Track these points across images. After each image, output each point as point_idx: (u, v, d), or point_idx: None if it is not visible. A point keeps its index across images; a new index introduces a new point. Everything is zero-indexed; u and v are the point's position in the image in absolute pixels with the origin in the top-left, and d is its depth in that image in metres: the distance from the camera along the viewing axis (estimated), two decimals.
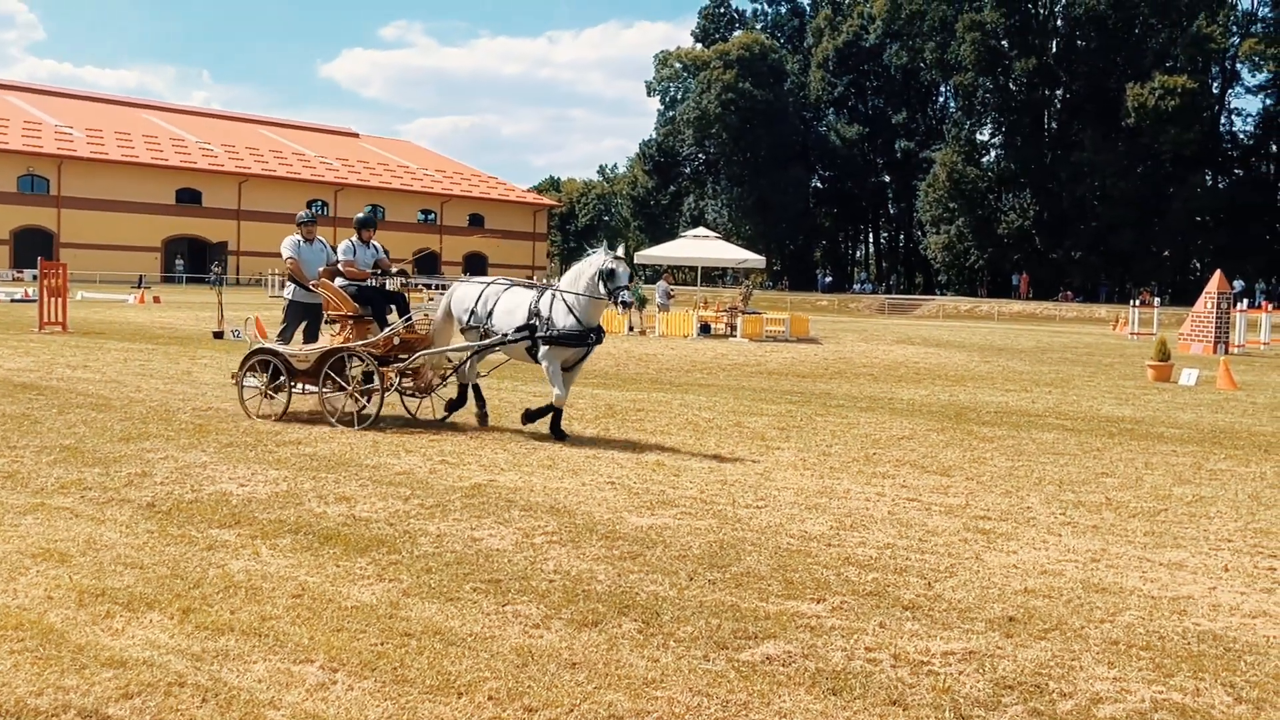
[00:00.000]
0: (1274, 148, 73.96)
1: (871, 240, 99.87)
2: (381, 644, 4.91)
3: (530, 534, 6.94)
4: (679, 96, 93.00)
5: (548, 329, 10.87)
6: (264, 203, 79.65)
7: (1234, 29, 70.51)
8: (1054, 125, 76.68)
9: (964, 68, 72.68)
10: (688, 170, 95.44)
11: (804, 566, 6.37)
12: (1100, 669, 4.86)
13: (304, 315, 12.53)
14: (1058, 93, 76.14)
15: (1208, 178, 72.87)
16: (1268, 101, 73.03)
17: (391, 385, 11.53)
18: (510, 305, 11.33)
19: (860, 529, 7.42)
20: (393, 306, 11.92)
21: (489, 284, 11.76)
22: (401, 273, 12.76)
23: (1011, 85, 74.83)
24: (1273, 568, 6.74)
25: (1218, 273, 31.59)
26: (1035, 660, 4.94)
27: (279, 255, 13.07)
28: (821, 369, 21.48)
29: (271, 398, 11.70)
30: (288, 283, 12.83)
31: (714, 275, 71.50)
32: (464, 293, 11.85)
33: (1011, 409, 15.18)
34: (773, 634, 5.17)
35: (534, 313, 11.04)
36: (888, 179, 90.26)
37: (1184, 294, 63.47)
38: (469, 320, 11.57)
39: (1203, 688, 4.68)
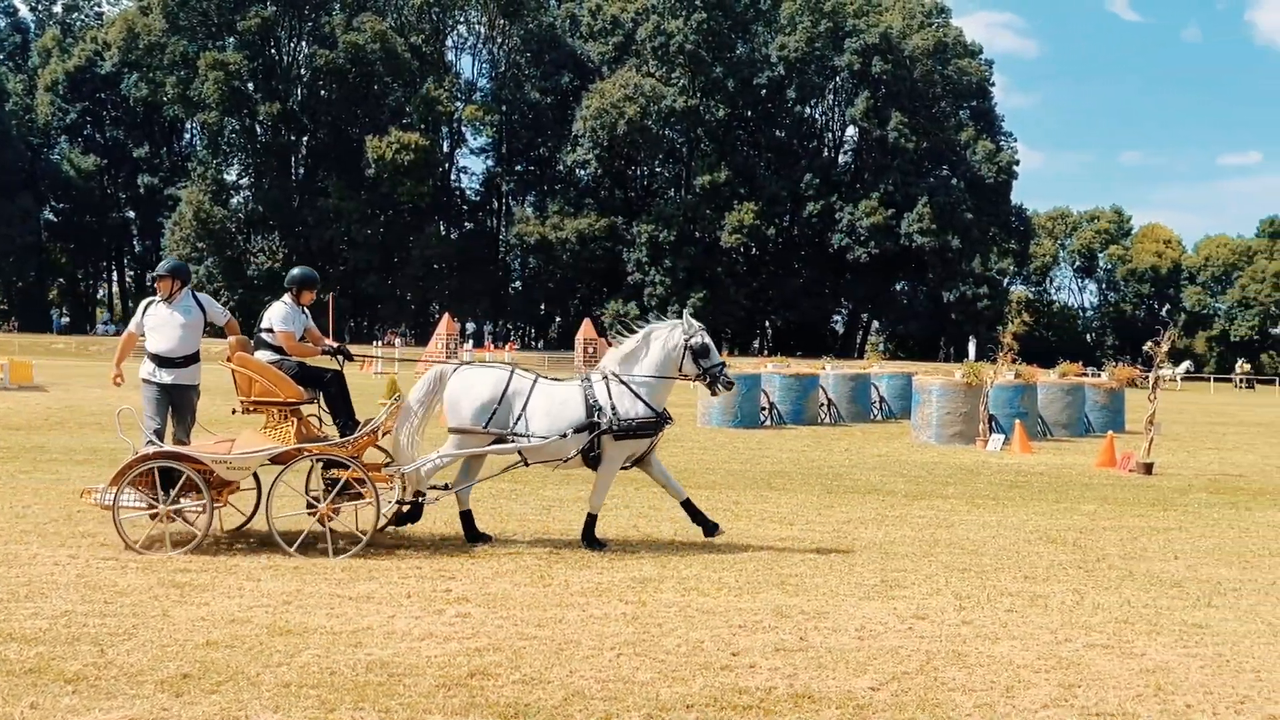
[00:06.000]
0: (495, 204, 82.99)
1: (116, 279, 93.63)
2: None
3: None
4: None
5: (613, 422, 8.76)
6: None
7: (458, 95, 77.93)
8: (301, 171, 78.36)
9: (209, 106, 71.38)
10: None
11: None
12: (267, 714, 4.89)
13: (168, 401, 9.14)
14: (304, 139, 78.00)
15: (441, 228, 79.36)
16: (489, 163, 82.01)
17: (392, 500, 8.79)
18: (552, 405, 8.92)
19: (37, 598, 6.75)
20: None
21: (509, 374, 9.07)
22: (341, 350, 9.63)
23: (258, 128, 75.17)
24: (449, 589, 7.36)
25: (446, 315, 34.55)
26: (203, 716, 4.82)
27: None
28: (41, 419, 19.49)
29: (170, 520, 8.40)
30: (145, 359, 9.23)
31: None
32: (471, 386, 9.01)
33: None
34: None
35: (594, 407, 8.83)
36: (132, 215, 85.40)
37: (427, 335, 68.43)
38: (484, 422, 8.85)
39: (360, 716, 4.91)
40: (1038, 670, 5.90)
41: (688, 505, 9.20)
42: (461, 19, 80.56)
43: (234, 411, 9.14)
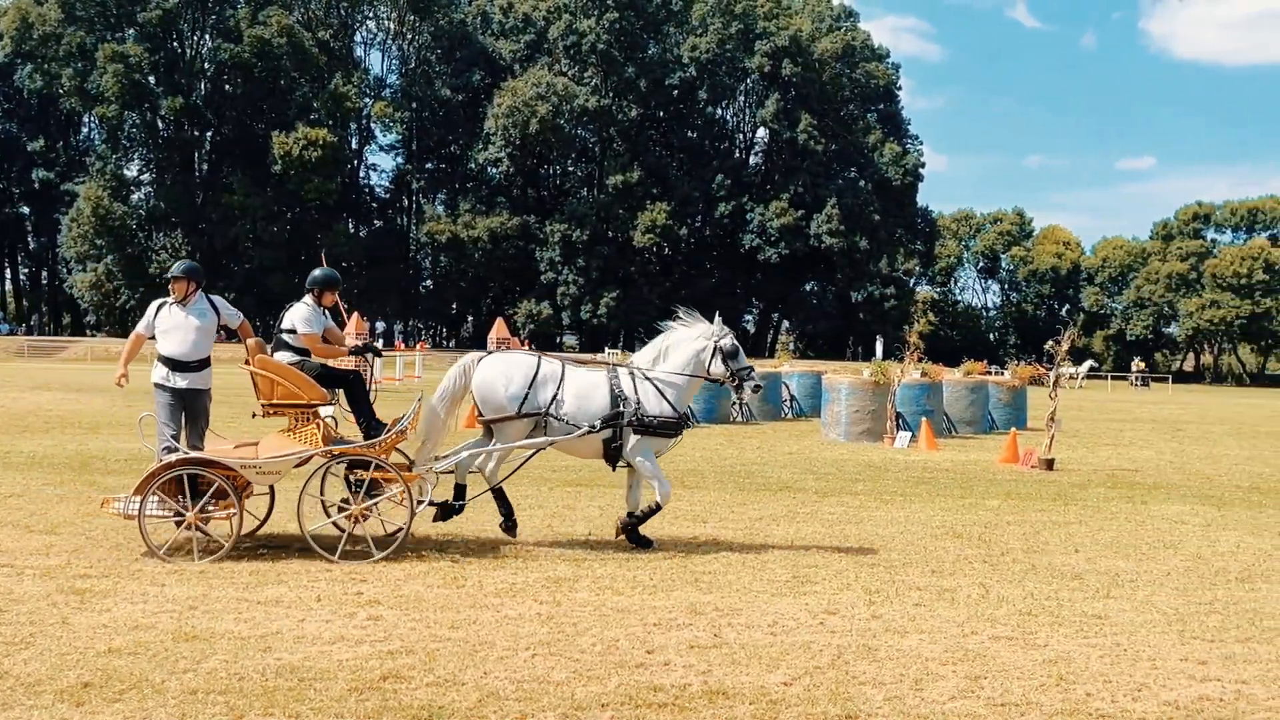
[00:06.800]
0: (405, 201, 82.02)
1: (10, 277, 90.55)
2: None
3: None
4: None
5: (638, 416, 8.85)
6: None
7: (367, 91, 76.85)
8: (205, 166, 76.57)
9: (108, 99, 69.32)
10: None
11: None
12: None
13: (183, 406, 8.84)
14: (208, 134, 76.17)
15: (350, 225, 78.16)
16: (399, 160, 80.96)
17: (423, 500, 8.80)
18: (581, 389, 8.99)
19: None
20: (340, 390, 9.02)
21: (538, 360, 9.09)
22: (370, 348, 9.69)
23: (160, 123, 73.26)
24: (360, 591, 7.26)
25: (355, 314, 34.04)
26: None
27: None
28: None
29: (198, 529, 8.23)
30: (156, 364, 8.93)
31: None
32: (506, 372, 8.96)
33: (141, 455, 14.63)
34: None
35: (619, 397, 8.90)
36: (26, 210, 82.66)
37: None
38: (519, 407, 8.84)
39: None
40: (945, 663, 6.02)
41: (631, 517, 9.13)
42: (370, 14, 79.47)
43: (254, 415, 8.85)
